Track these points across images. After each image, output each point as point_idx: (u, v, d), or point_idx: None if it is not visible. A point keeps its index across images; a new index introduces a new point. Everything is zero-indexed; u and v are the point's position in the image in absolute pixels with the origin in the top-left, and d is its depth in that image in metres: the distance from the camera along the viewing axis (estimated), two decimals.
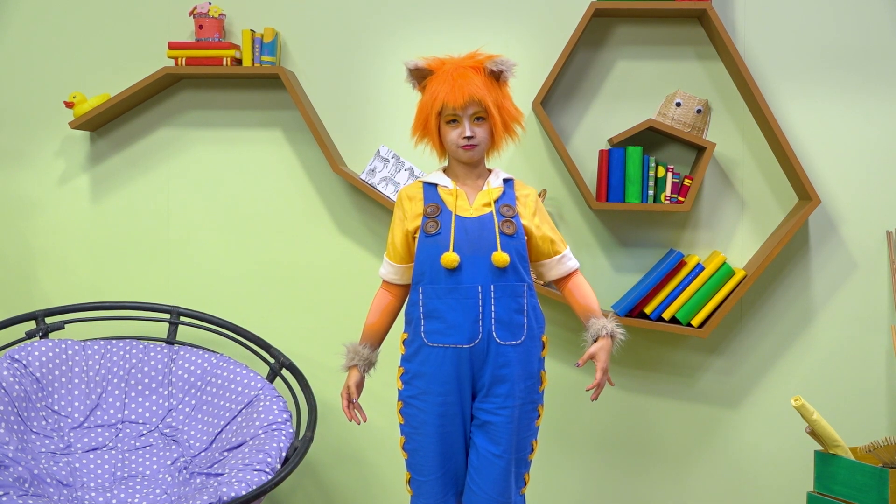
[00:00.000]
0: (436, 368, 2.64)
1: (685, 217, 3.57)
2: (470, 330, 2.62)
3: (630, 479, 3.64)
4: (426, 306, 2.66)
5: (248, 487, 2.85)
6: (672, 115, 3.44)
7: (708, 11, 3.36)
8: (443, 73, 2.64)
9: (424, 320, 2.66)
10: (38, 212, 3.78)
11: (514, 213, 2.68)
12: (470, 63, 2.65)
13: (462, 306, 2.62)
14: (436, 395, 2.65)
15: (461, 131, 2.64)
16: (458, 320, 2.62)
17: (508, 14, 3.60)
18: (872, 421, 3.53)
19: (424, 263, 2.67)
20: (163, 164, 3.73)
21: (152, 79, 3.53)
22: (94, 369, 3.37)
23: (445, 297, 2.63)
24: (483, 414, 2.66)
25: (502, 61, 2.64)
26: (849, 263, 3.54)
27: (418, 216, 2.70)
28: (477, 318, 2.62)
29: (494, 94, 2.65)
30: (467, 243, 2.63)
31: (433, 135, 2.69)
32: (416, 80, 2.72)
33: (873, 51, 3.51)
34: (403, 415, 2.72)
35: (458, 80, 2.61)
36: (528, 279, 2.68)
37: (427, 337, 2.65)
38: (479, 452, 2.66)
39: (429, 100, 2.66)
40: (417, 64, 2.68)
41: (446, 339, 2.63)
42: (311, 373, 3.65)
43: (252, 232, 3.71)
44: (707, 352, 3.60)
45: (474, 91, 2.60)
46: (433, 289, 2.64)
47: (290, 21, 3.66)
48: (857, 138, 3.52)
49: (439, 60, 2.68)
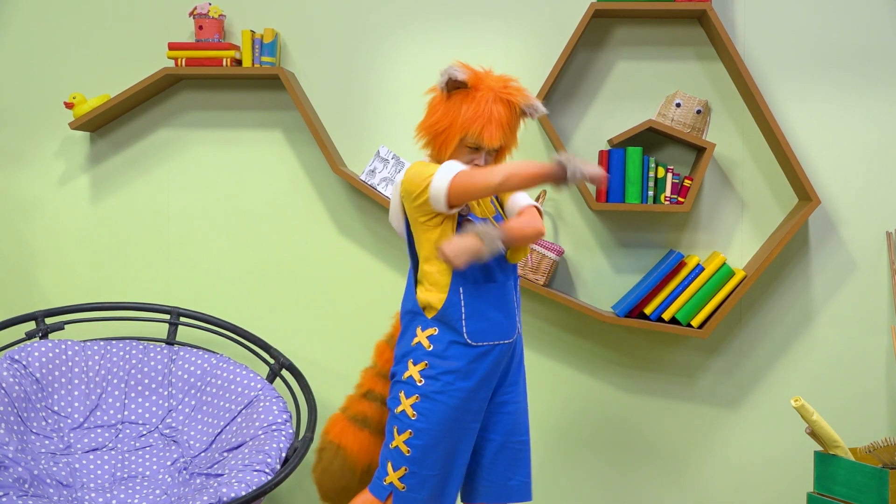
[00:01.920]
0: (476, 366, 2.66)
1: (685, 218, 3.57)
2: (511, 325, 2.70)
3: (630, 479, 3.63)
4: (469, 307, 2.66)
5: (247, 488, 2.85)
6: (672, 116, 3.44)
7: (708, 12, 3.36)
8: (483, 100, 2.62)
9: (467, 321, 2.66)
10: (38, 212, 3.78)
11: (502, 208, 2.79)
12: (506, 95, 2.65)
13: (503, 303, 2.69)
14: (468, 391, 2.65)
15: (475, 158, 2.67)
16: (500, 317, 2.68)
17: (508, 14, 3.60)
18: (872, 421, 3.53)
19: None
20: (163, 165, 3.73)
21: (152, 79, 3.53)
22: (94, 370, 3.37)
23: (487, 295, 2.67)
24: (507, 406, 2.73)
25: (535, 108, 2.69)
26: (849, 264, 3.54)
27: None
28: (514, 314, 2.72)
29: (516, 132, 2.72)
30: None
31: (448, 147, 2.66)
32: (450, 88, 2.67)
33: (873, 51, 3.51)
34: (418, 409, 2.65)
35: (497, 116, 2.62)
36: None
37: (471, 337, 2.65)
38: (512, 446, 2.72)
39: (461, 121, 2.63)
40: (461, 77, 2.62)
41: (491, 336, 2.67)
42: (310, 373, 3.65)
43: (252, 232, 3.71)
44: (707, 352, 3.60)
45: (507, 133, 2.67)
46: (475, 288, 2.66)
47: (289, 22, 3.66)
48: (856, 139, 3.52)
49: (476, 76, 2.66)
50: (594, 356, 3.62)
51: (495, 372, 2.69)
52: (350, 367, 3.69)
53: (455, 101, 2.64)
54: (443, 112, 2.66)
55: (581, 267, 3.61)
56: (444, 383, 2.65)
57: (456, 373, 2.65)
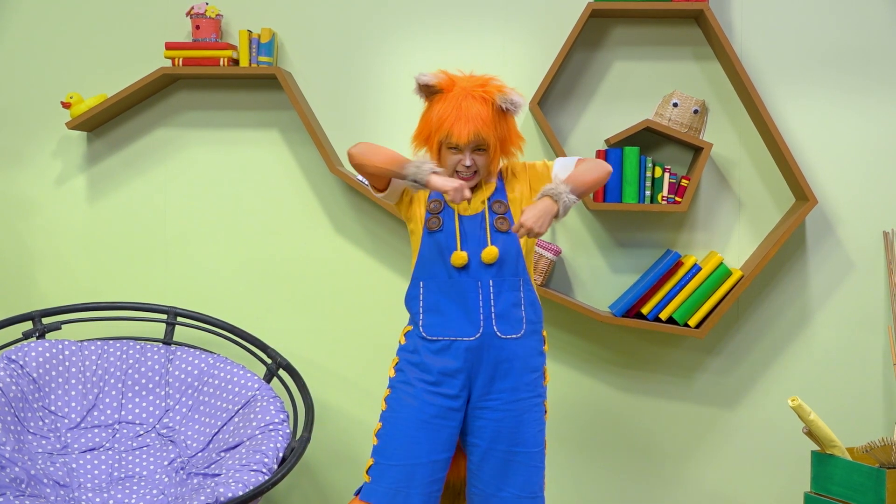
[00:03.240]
0: (434, 360, 2.66)
1: (682, 217, 3.58)
2: (471, 324, 2.65)
3: (627, 479, 3.64)
4: (426, 300, 2.69)
5: (245, 488, 2.84)
6: (669, 116, 3.44)
7: (705, 12, 3.36)
8: (452, 98, 2.62)
9: (424, 314, 2.69)
10: (34, 212, 3.78)
11: (507, 208, 2.71)
12: (479, 92, 2.62)
13: (464, 300, 2.65)
14: (428, 383, 2.65)
15: (461, 159, 2.65)
16: (459, 315, 2.65)
17: (506, 14, 3.60)
18: (869, 421, 3.53)
19: (427, 258, 2.70)
20: (160, 165, 3.73)
21: (149, 79, 3.53)
22: (91, 370, 3.37)
23: (448, 291, 2.66)
24: (493, 412, 2.66)
25: (511, 101, 2.62)
26: (846, 264, 3.55)
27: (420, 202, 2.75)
28: (478, 312, 2.65)
29: (500, 129, 2.64)
30: (466, 241, 2.67)
31: (434, 151, 2.69)
32: (425, 94, 2.69)
33: (870, 51, 3.51)
34: (387, 402, 2.72)
35: (465, 112, 2.59)
36: (523, 274, 2.70)
37: (426, 330, 2.67)
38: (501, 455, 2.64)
39: (434, 123, 2.64)
40: (428, 81, 2.64)
41: (447, 331, 2.66)
42: (308, 373, 3.65)
43: (249, 232, 3.71)
44: (704, 352, 3.60)
45: (479, 128, 2.59)
46: (435, 283, 2.68)
47: (287, 21, 3.66)
48: (854, 139, 3.52)
49: (450, 79, 2.66)
50: (591, 356, 3.62)
51: (462, 370, 2.65)
52: (347, 367, 3.70)
53: (431, 107, 2.67)
54: (423, 119, 2.70)
55: (578, 266, 3.61)
56: (406, 374, 2.70)
57: (418, 365, 2.68)
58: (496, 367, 2.66)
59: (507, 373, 2.66)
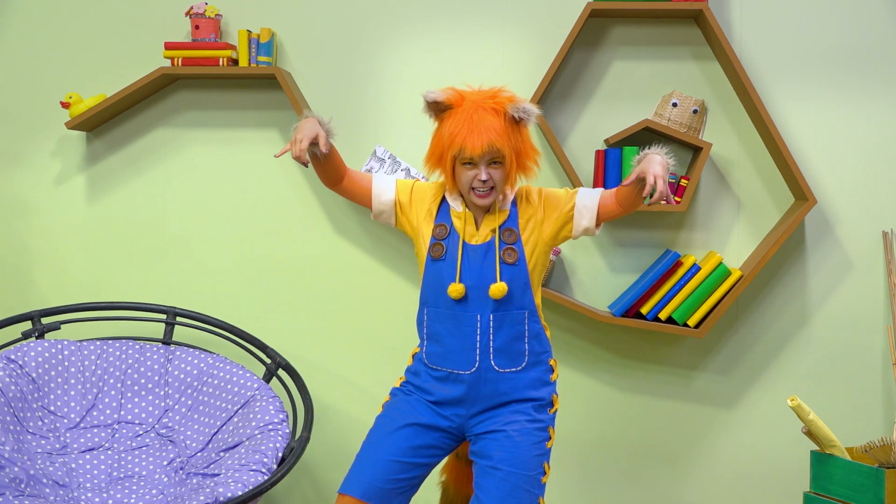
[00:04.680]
0: (434, 387, 2.65)
1: (681, 217, 3.58)
2: (467, 358, 2.60)
3: (626, 479, 3.64)
4: (429, 328, 2.66)
5: (244, 488, 2.84)
6: (668, 116, 3.44)
7: (704, 12, 3.36)
8: (463, 112, 2.53)
9: (427, 341, 2.67)
10: (34, 212, 3.78)
11: (517, 237, 2.62)
12: (491, 104, 2.54)
13: (461, 333, 2.61)
14: (424, 398, 2.66)
15: (477, 174, 2.55)
16: (456, 347, 2.61)
17: (505, 14, 3.60)
18: (868, 421, 3.53)
19: (429, 287, 2.65)
20: (159, 165, 3.73)
21: (148, 79, 3.53)
22: (91, 370, 3.37)
23: (446, 322, 2.62)
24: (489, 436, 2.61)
25: (524, 109, 2.53)
26: (845, 264, 3.55)
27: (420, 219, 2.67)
28: (475, 347, 2.60)
29: (514, 139, 2.55)
30: (469, 271, 2.60)
31: (448, 172, 2.59)
32: (434, 112, 2.60)
33: (869, 51, 3.51)
34: (384, 406, 2.73)
35: (477, 124, 2.50)
36: (529, 306, 2.63)
37: (427, 359, 2.67)
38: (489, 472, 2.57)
39: (446, 139, 2.55)
40: (437, 98, 2.55)
41: (445, 363, 2.63)
42: (307, 373, 3.65)
43: (248, 232, 3.71)
44: (703, 352, 3.60)
45: (494, 139, 2.50)
46: (436, 312, 2.64)
47: (286, 21, 3.66)
48: (853, 138, 3.53)
49: (459, 95, 2.57)
50: (590, 356, 3.62)
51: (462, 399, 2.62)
52: (347, 367, 3.70)
53: (442, 125, 2.59)
54: (435, 138, 2.61)
55: (577, 266, 3.61)
56: (409, 391, 2.70)
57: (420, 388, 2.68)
58: (493, 398, 2.62)
59: (506, 401, 2.62)
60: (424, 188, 2.72)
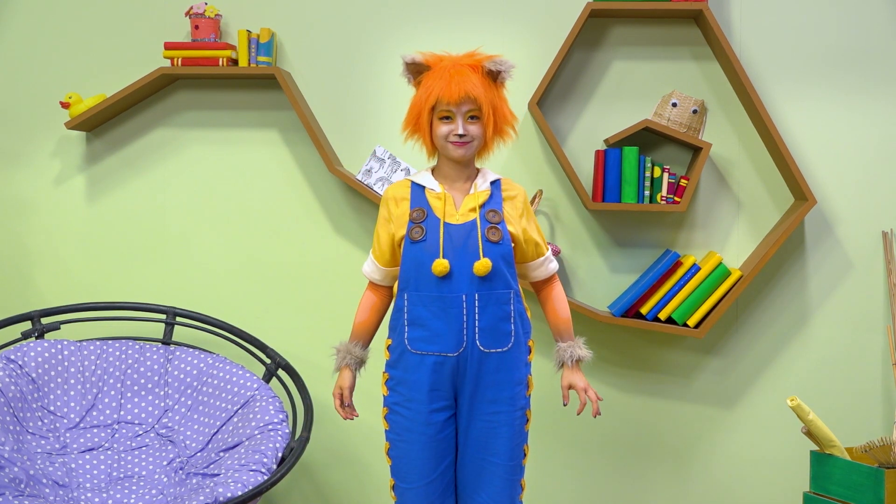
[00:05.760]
0: (420, 376, 2.62)
1: (681, 217, 3.58)
2: (455, 338, 2.60)
3: (626, 479, 3.64)
4: (410, 313, 2.64)
5: (244, 488, 2.84)
6: (668, 116, 3.44)
7: (704, 12, 3.36)
8: (439, 69, 2.60)
9: (409, 327, 2.64)
10: (34, 212, 3.78)
11: (500, 218, 2.63)
12: (468, 61, 2.61)
13: (447, 315, 2.59)
14: (420, 402, 2.63)
15: (454, 128, 2.59)
16: (443, 329, 2.60)
17: (505, 14, 3.60)
18: (868, 421, 3.53)
19: (410, 270, 2.63)
20: (159, 165, 3.73)
21: (148, 79, 3.53)
22: (90, 370, 3.37)
23: (430, 304, 2.61)
24: (473, 422, 2.65)
25: (501, 62, 2.60)
26: (845, 264, 3.55)
27: (404, 224, 2.66)
28: (462, 327, 2.59)
29: (490, 94, 2.60)
30: (452, 250, 2.60)
31: (424, 130, 2.63)
32: (413, 74, 2.66)
33: (869, 51, 3.51)
34: (388, 421, 2.70)
35: (454, 76, 2.57)
36: (514, 286, 2.65)
37: (411, 344, 2.64)
38: (477, 462, 2.64)
39: (423, 94, 2.61)
40: (415, 58, 2.63)
41: (430, 346, 2.61)
42: (307, 373, 3.65)
43: (248, 232, 3.71)
44: (703, 352, 3.60)
45: (470, 88, 2.56)
46: (418, 296, 2.62)
47: (286, 21, 3.66)
48: (853, 139, 3.53)
49: (437, 57, 2.64)
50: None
51: (444, 384, 2.62)
52: None
53: (419, 86, 2.65)
54: (413, 100, 2.67)
55: (577, 266, 3.61)
56: (399, 394, 2.68)
57: (406, 383, 2.65)
58: (478, 380, 2.62)
59: (488, 385, 2.63)
60: (388, 197, 2.73)
